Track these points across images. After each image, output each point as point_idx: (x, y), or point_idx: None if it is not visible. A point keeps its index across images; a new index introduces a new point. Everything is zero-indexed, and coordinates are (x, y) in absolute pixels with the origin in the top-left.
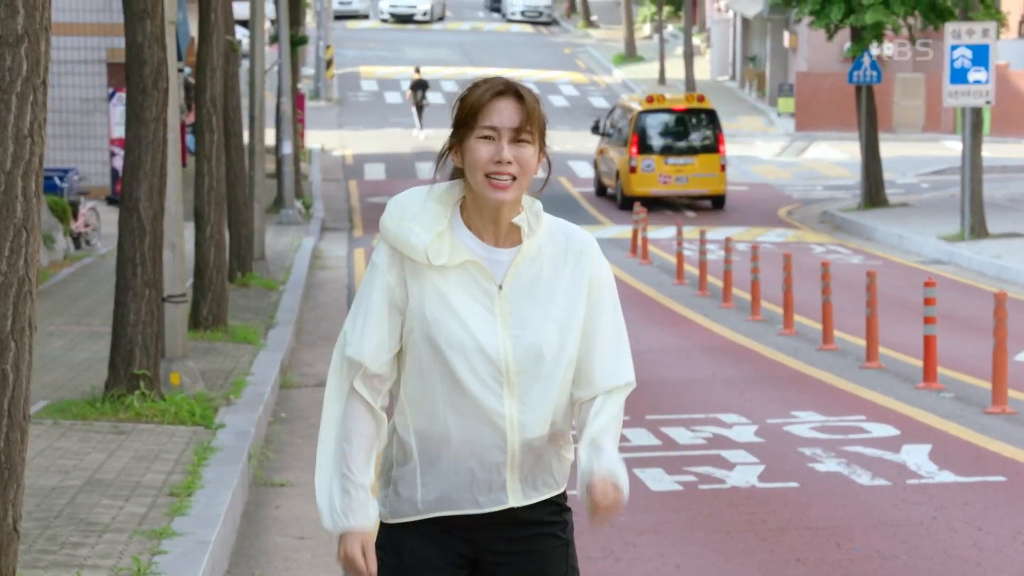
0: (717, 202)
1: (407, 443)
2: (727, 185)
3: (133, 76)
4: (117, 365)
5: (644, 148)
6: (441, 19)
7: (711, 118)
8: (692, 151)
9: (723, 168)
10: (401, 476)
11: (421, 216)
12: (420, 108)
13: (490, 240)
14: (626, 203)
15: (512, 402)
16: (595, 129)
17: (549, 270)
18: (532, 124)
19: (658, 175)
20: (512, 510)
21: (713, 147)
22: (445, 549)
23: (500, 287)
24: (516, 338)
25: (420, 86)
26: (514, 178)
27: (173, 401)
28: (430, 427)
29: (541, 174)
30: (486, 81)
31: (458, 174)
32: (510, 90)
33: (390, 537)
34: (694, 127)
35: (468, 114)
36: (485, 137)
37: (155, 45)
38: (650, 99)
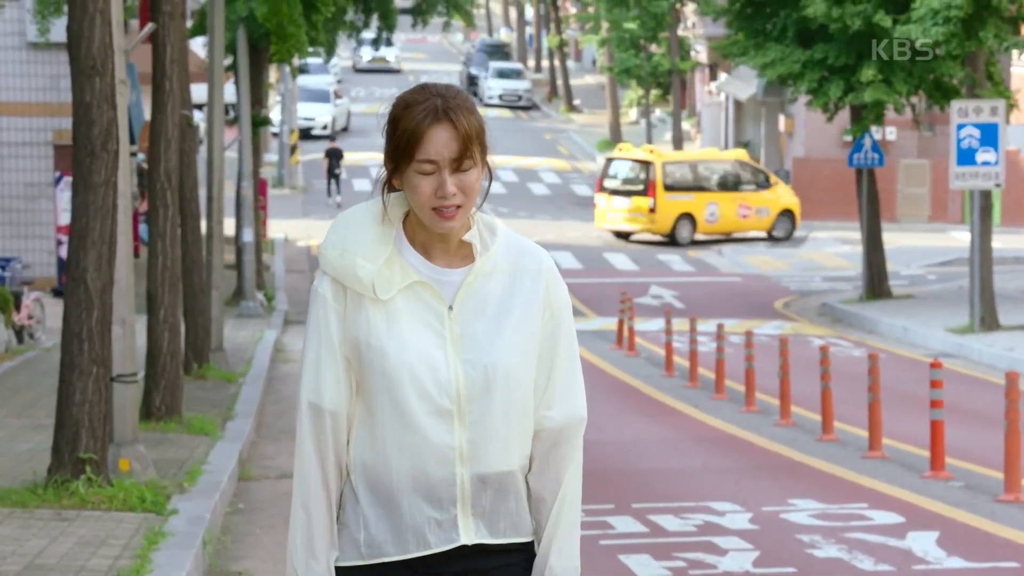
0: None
1: (353, 480)
2: (656, 224)
3: (81, 137)
4: (61, 448)
5: (603, 188)
6: (345, 130)
7: (646, 168)
8: (631, 193)
9: (652, 210)
10: (349, 515)
11: (363, 244)
12: (334, 176)
13: (439, 258)
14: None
15: (462, 432)
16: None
17: (504, 289)
18: (471, 147)
19: (607, 212)
20: (472, 556)
21: (643, 192)
22: None
23: (450, 308)
24: (467, 362)
25: (333, 154)
26: (459, 206)
27: (122, 487)
28: (375, 462)
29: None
30: (418, 100)
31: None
32: (445, 116)
33: None
34: (638, 174)
35: (404, 144)
36: (424, 172)
37: (105, 104)
38: (619, 148)
